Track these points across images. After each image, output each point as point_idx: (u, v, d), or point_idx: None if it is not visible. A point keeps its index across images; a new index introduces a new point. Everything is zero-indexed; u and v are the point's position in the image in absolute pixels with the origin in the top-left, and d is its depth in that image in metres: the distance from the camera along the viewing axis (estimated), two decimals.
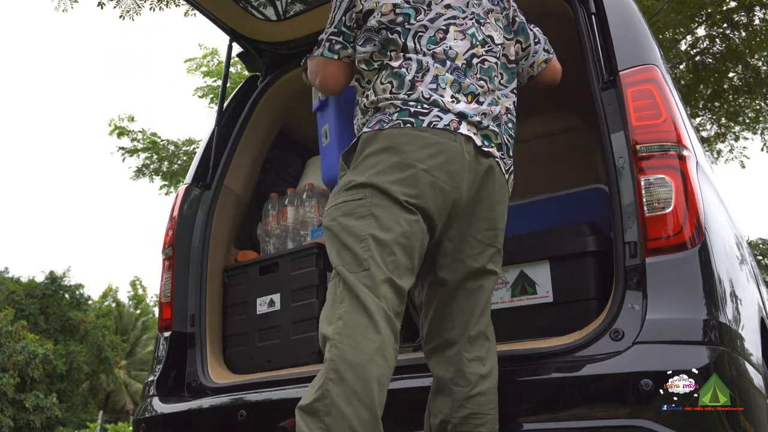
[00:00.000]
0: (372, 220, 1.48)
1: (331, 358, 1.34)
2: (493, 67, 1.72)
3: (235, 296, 2.49)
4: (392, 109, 1.60)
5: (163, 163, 10.38)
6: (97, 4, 6.92)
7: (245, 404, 2.04)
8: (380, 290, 1.43)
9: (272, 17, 2.67)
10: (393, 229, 1.48)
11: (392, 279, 1.45)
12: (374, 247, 1.46)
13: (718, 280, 1.59)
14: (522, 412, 1.65)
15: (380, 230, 1.47)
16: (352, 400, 1.30)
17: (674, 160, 1.65)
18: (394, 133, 1.56)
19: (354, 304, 1.40)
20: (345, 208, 1.52)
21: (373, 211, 1.49)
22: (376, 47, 1.66)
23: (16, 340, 18.80)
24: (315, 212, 2.64)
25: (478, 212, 1.63)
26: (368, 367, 1.33)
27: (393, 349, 1.41)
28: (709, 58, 8.33)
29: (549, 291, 1.98)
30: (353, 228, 1.49)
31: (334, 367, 1.33)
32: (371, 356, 1.34)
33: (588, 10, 2.01)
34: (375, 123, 1.60)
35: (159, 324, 2.42)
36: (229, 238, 2.61)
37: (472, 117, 1.60)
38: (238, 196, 2.66)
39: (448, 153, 1.55)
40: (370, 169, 1.53)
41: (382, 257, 1.45)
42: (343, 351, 1.34)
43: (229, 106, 2.75)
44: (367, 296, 1.41)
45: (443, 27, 1.67)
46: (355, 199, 1.52)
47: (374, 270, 1.44)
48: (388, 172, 1.52)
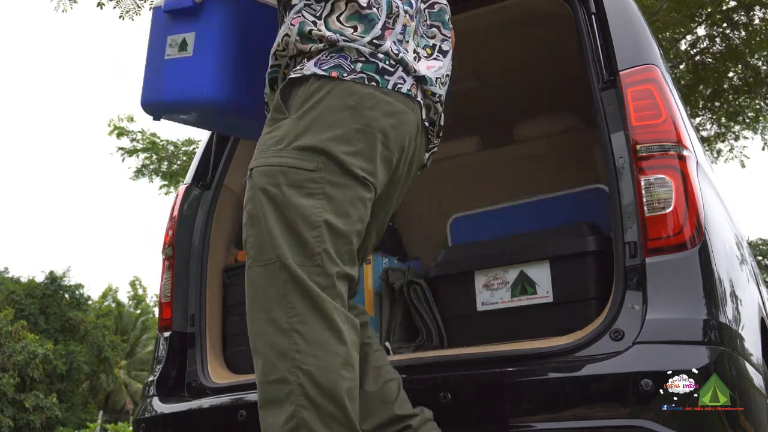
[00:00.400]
0: (326, 201, 1.25)
1: (298, 382, 1.17)
2: (444, 9, 1.56)
3: (235, 296, 2.49)
4: (355, 55, 1.33)
5: (163, 163, 10.38)
6: (96, 5, 6.93)
7: (245, 404, 2.04)
8: (336, 289, 1.25)
9: None
10: (350, 214, 1.28)
11: (345, 271, 1.28)
12: (328, 238, 1.25)
13: (718, 280, 1.59)
14: (522, 412, 1.64)
15: (336, 216, 1.26)
16: (330, 424, 1.18)
17: (674, 160, 1.65)
18: (358, 91, 1.31)
19: (310, 312, 1.21)
20: (293, 177, 1.26)
21: (327, 190, 1.26)
22: None
23: (16, 340, 18.81)
24: None
25: (395, 197, 1.50)
26: (338, 384, 1.19)
27: (357, 352, 1.27)
28: (709, 57, 8.33)
29: (549, 291, 1.98)
30: (303, 209, 1.24)
31: (303, 393, 1.17)
32: (339, 372, 1.20)
33: (588, 10, 2.01)
34: (332, 67, 1.32)
35: (159, 324, 2.42)
36: (229, 238, 2.61)
37: (430, 83, 1.42)
38: (238, 196, 2.65)
39: (406, 125, 1.36)
40: (326, 131, 1.28)
41: (336, 249, 1.26)
42: (309, 373, 1.18)
43: None
44: (325, 301, 1.22)
45: None
46: (306, 168, 1.26)
47: (328, 265, 1.24)
48: (347, 141, 1.28)
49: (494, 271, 2.10)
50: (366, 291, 2.36)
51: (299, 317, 1.20)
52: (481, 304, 2.11)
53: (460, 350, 1.91)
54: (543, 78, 2.90)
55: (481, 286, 2.11)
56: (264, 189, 1.27)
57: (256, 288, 1.26)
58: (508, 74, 2.94)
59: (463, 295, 2.15)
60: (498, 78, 2.96)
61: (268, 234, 1.25)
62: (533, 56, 2.77)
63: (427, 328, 2.18)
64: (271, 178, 1.27)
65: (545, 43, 2.63)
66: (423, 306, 2.22)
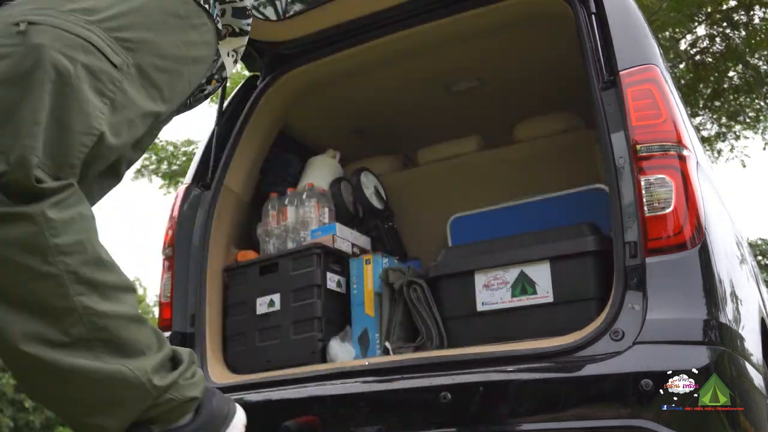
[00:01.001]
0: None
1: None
2: None
3: (235, 296, 2.49)
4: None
5: (162, 164, 10.38)
6: None
7: (245, 404, 2.01)
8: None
9: (272, 17, 2.67)
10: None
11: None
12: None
13: (719, 280, 1.59)
14: (522, 412, 1.64)
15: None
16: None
17: (674, 160, 1.65)
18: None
19: None
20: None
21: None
22: None
23: None
24: (315, 212, 2.64)
25: None
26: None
27: None
28: (709, 57, 8.34)
29: (549, 291, 1.98)
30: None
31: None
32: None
33: (588, 10, 2.01)
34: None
35: (159, 324, 2.41)
36: (229, 238, 2.61)
37: None
38: (238, 196, 2.66)
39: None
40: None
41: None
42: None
43: (229, 106, 2.75)
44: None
45: None
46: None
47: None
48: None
49: (494, 271, 2.10)
50: (366, 291, 2.36)
51: None
52: (481, 304, 2.10)
53: (460, 350, 1.91)
54: (543, 78, 2.90)
55: (481, 286, 2.11)
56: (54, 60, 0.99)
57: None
58: (508, 74, 2.94)
59: (463, 295, 2.15)
60: (498, 78, 2.97)
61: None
62: (533, 56, 2.77)
63: (427, 328, 2.18)
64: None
65: (545, 43, 2.63)
66: (423, 306, 2.21)
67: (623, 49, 1.84)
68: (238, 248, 2.65)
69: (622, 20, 1.93)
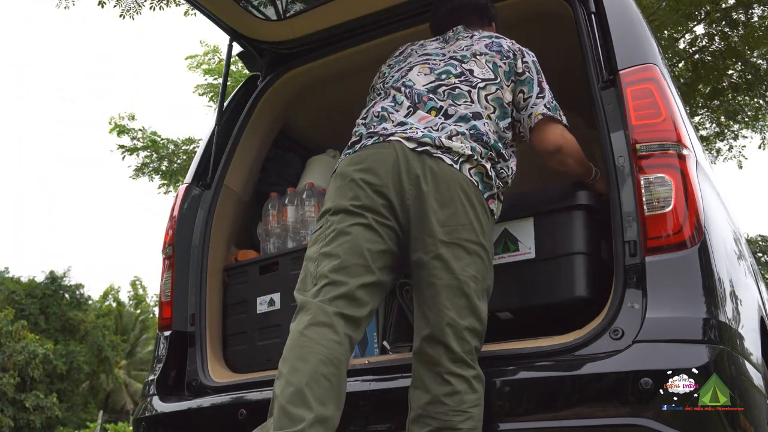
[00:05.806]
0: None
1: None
2: (464, 94, 1.82)
3: (236, 295, 2.49)
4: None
5: (163, 162, 10.37)
6: (97, 3, 6.92)
7: (245, 403, 2.04)
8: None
9: (272, 17, 2.68)
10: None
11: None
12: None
13: (718, 279, 1.59)
14: (522, 411, 1.65)
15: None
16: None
17: (674, 159, 1.65)
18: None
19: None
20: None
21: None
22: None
23: (16, 340, 18.82)
24: (315, 211, 2.63)
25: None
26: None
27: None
28: (708, 56, 8.33)
29: (531, 247, 1.94)
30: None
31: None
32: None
33: (588, 10, 2.01)
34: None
35: (159, 323, 2.42)
36: (229, 238, 2.62)
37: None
38: (238, 196, 2.66)
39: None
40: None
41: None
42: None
43: (229, 105, 2.75)
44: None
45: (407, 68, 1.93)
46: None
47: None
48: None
49: None
50: None
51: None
52: None
53: None
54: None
55: None
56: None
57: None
58: None
59: None
60: None
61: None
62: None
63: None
64: None
65: (545, 43, 2.63)
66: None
67: (623, 49, 1.85)
68: (238, 247, 2.66)
69: (622, 20, 1.94)
